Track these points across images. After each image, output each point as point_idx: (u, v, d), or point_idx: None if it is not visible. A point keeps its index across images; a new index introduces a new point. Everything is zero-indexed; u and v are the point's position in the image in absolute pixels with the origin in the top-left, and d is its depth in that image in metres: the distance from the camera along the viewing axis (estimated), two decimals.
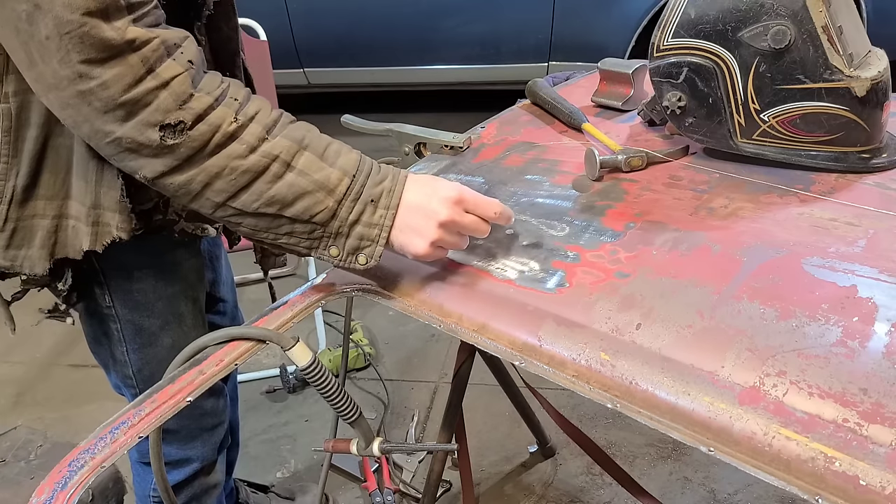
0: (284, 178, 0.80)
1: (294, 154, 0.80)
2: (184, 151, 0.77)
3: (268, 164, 0.79)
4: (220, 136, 0.77)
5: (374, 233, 0.83)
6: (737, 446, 0.65)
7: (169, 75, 0.75)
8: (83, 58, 0.71)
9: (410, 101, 4.35)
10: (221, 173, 0.78)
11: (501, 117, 1.34)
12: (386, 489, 1.83)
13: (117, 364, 1.13)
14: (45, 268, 0.95)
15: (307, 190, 0.80)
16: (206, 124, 0.77)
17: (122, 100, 0.74)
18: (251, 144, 0.78)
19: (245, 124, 0.79)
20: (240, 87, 0.82)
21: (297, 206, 0.81)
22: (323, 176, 0.81)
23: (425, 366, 2.32)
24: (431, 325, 0.87)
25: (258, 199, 0.80)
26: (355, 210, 0.82)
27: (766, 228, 0.88)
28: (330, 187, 0.81)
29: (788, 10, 0.92)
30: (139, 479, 1.31)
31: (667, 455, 1.92)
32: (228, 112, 0.78)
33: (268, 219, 0.82)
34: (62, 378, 2.38)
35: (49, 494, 0.67)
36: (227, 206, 0.81)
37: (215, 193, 0.80)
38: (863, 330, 0.69)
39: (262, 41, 2.43)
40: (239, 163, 0.78)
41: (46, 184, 0.92)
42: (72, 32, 0.70)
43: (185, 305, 1.13)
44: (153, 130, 0.75)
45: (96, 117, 0.75)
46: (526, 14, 3.54)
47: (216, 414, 1.27)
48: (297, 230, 0.83)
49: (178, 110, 0.75)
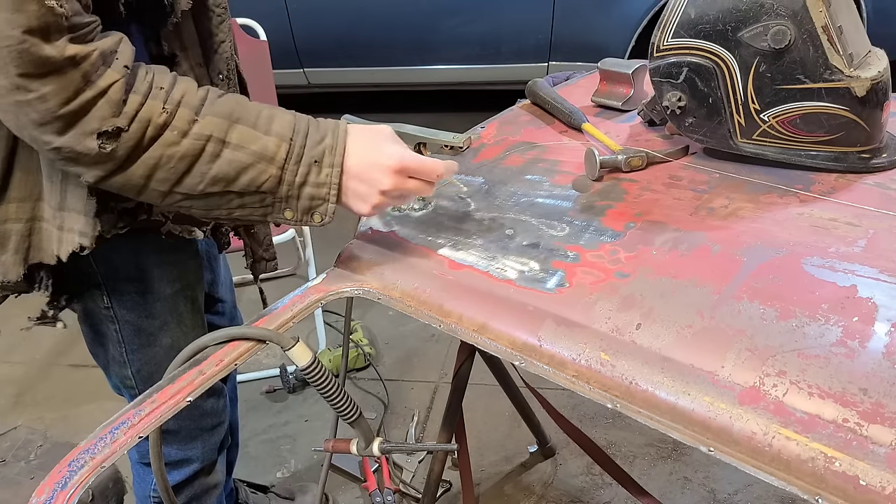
0: (222, 156, 0.80)
1: (226, 130, 0.80)
2: (122, 153, 0.77)
3: (202, 145, 0.79)
4: (153, 129, 0.78)
5: (324, 192, 0.84)
6: (737, 446, 0.65)
7: (105, 84, 0.75)
8: (21, 71, 0.71)
9: (410, 101, 4.35)
10: (159, 163, 0.79)
11: (501, 117, 1.34)
12: (386, 489, 1.83)
13: (116, 365, 1.13)
14: (19, 273, 0.94)
15: (247, 163, 0.81)
16: (138, 122, 0.77)
17: (61, 112, 0.74)
18: (182, 129, 0.79)
19: (173, 111, 0.79)
20: (164, 72, 0.81)
21: (242, 181, 0.81)
22: (260, 146, 0.81)
23: (425, 366, 2.32)
24: (431, 325, 0.87)
25: (201, 180, 0.80)
26: (300, 172, 0.83)
27: (766, 228, 0.88)
28: (269, 156, 0.81)
29: (788, 10, 0.92)
30: (139, 479, 1.31)
31: (667, 455, 1.92)
32: (156, 104, 0.78)
33: (216, 197, 0.82)
34: (62, 378, 2.38)
35: (49, 494, 0.67)
36: (173, 194, 0.81)
37: (158, 183, 0.80)
38: (863, 330, 0.69)
39: (262, 41, 2.43)
40: (174, 150, 0.79)
41: (18, 185, 0.91)
42: (10, 47, 0.70)
43: (184, 306, 1.13)
44: (91, 139, 0.75)
45: (34, 128, 0.75)
46: (526, 14, 3.54)
47: (216, 414, 1.27)
48: (248, 202, 0.84)
49: (113, 118, 0.76)
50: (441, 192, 1.07)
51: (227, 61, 1.03)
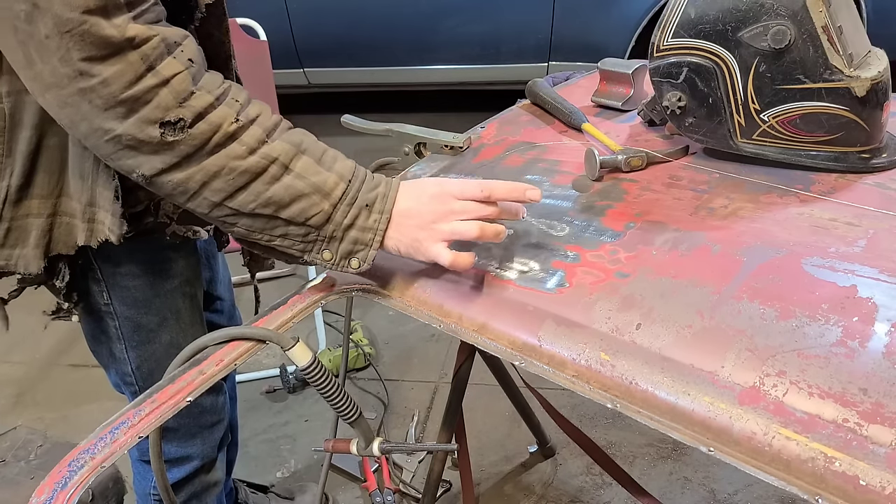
0: (282, 180, 0.80)
1: (292, 157, 0.81)
2: (184, 149, 0.77)
3: (266, 165, 0.79)
4: (221, 135, 0.78)
5: (369, 237, 0.84)
6: (737, 446, 0.65)
7: (169, 73, 0.75)
8: (83, 55, 0.71)
9: (410, 101, 4.35)
10: (220, 172, 0.79)
11: (501, 117, 1.34)
12: (386, 489, 1.83)
13: (116, 362, 1.13)
14: (40, 266, 0.95)
15: (304, 192, 0.81)
16: (207, 123, 0.77)
17: (123, 97, 0.74)
18: (251, 146, 0.79)
19: (245, 126, 0.79)
20: (241, 90, 0.82)
21: (294, 208, 0.81)
22: (320, 179, 0.81)
23: (425, 366, 2.32)
24: (431, 325, 0.87)
25: (255, 199, 0.80)
26: (350, 214, 0.83)
27: (766, 228, 0.88)
28: (326, 191, 0.81)
29: (788, 10, 0.92)
30: (139, 477, 1.31)
31: (667, 455, 1.92)
32: (230, 112, 0.78)
33: (263, 220, 0.82)
34: (62, 378, 2.38)
35: (49, 494, 0.67)
36: (223, 206, 0.81)
37: (213, 193, 0.80)
38: (863, 330, 0.69)
39: (262, 41, 2.43)
40: (238, 163, 0.78)
41: (41, 183, 0.92)
42: (72, 31, 0.70)
43: (183, 302, 1.14)
44: (153, 127, 0.75)
45: (96, 115, 0.75)
46: (526, 14, 3.54)
47: (216, 411, 1.27)
48: (292, 232, 0.83)
49: (178, 108, 0.75)
50: None
51: (226, 62, 1.03)
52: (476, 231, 0.84)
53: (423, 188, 0.86)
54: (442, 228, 0.84)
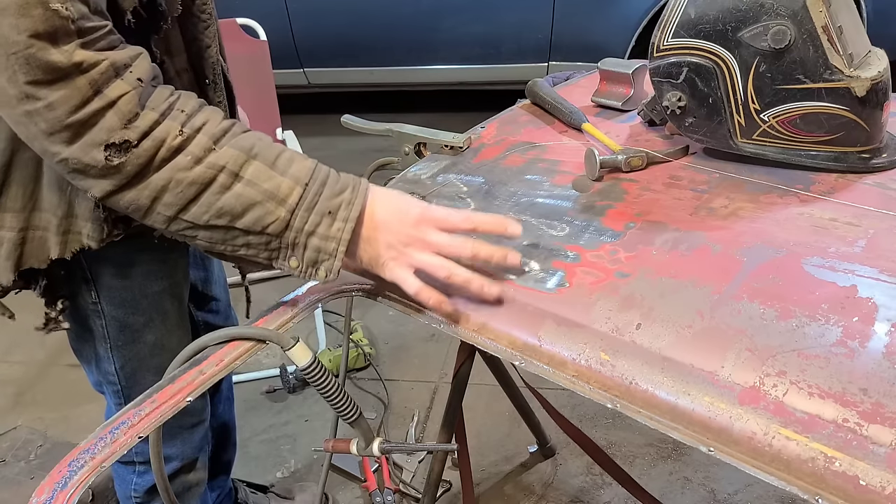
0: (232, 189, 0.78)
1: (242, 164, 0.78)
2: (130, 169, 0.76)
3: (214, 175, 0.77)
4: (165, 150, 0.76)
5: (332, 246, 0.81)
6: (737, 446, 0.65)
7: (115, 94, 0.74)
8: (29, 79, 0.71)
9: (410, 101, 4.35)
10: (167, 186, 0.77)
11: (501, 117, 1.34)
12: (386, 489, 1.83)
13: (100, 361, 1.13)
14: (10, 279, 0.94)
15: (256, 200, 0.78)
16: (151, 140, 0.75)
17: (69, 121, 0.73)
18: (196, 156, 0.77)
19: (191, 136, 0.77)
20: (190, 98, 0.80)
21: (248, 218, 0.79)
22: (272, 185, 0.79)
23: (425, 366, 2.32)
24: (431, 325, 0.87)
25: (207, 210, 0.78)
26: (311, 221, 0.80)
27: (766, 228, 0.88)
28: (280, 197, 0.79)
29: (788, 10, 0.92)
30: (120, 479, 1.30)
31: (667, 455, 1.92)
32: (174, 125, 0.77)
33: (221, 231, 0.80)
34: (62, 378, 2.38)
35: (49, 494, 0.67)
36: (178, 220, 0.79)
37: (165, 207, 0.78)
38: (863, 330, 0.69)
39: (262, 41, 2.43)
40: (184, 175, 0.77)
41: (14, 196, 0.92)
42: (18, 53, 0.69)
43: (171, 303, 1.13)
44: (98, 150, 0.74)
45: (43, 138, 0.74)
46: (526, 14, 3.54)
47: (197, 413, 1.26)
48: (253, 242, 0.81)
49: (122, 129, 0.74)
50: (441, 192, 1.07)
51: (214, 66, 1.02)
52: (445, 272, 0.81)
53: (406, 207, 0.83)
54: (412, 255, 0.82)
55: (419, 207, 0.83)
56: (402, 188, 1.08)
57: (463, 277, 0.82)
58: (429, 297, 0.82)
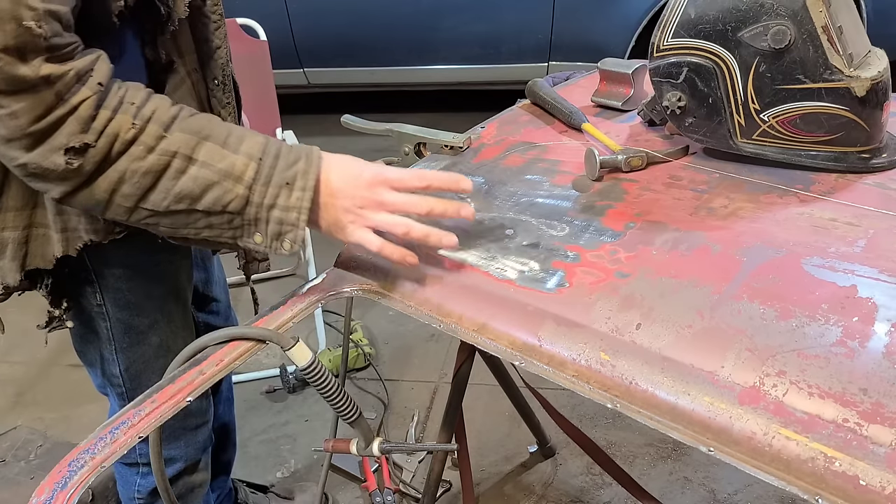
0: (188, 173, 0.79)
1: (194, 146, 0.79)
2: (88, 168, 0.77)
3: (168, 161, 0.78)
4: (120, 143, 0.77)
5: (293, 216, 0.82)
6: (737, 446, 0.65)
7: (77, 101, 0.75)
8: None
9: (410, 101, 4.35)
10: (124, 177, 0.78)
11: (501, 117, 1.34)
12: (386, 489, 1.83)
13: (104, 363, 1.13)
14: (17, 279, 0.95)
15: (213, 181, 0.79)
16: (106, 137, 0.76)
17: (31, 130, 0.73)
18: (149, 145, 0.78)
19: (143, 127, 0.78)
20: (138, 89, 0.81)
21: (207, 199, 0.80)
22: (227, 164, 0.80)
23: (425, 366, 2.32)
24: (431, 325, 0.87)
25: (166, 196, 0.79)
26: (269, 194, 0.81)
27: (766, 228, 0.88)
28: (236, 174, 0.80)
29: (788, 10, 0.92)
30: (122, 480, 1.30)
31: (667, 455, 1.92)
32: (126, 119, 0.77)
33: (182, 215, 0.81)
34: (62, 378, 2.38)
35: (49, 494, 0.67)
36: (139, 210, 0.80)
37: (123, 199, 0.79)
38: (863, 330, 0.69)
39: (262, 41, 2.43)
40: (139, 164, 0.78)
41: (14, 195, 0.92)
42: None
43: (175, 305, 1.14)
44: (58, 155, 0.75)
45: (2, 143, 0.75)
46: (526, 14, 3.54)
47: (200, 414, 1.26)
48: (215, 222, 0.82)
49: (81, 133, 0.75)
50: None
51: (223, 67, 1.03)
52: (403, 228, 0.83)
53: (358, 170, 0.84)
54: (369, 216, 0.83)
55: (371, 170, 0.84)
56: None
57: (421, 232, 0.84)
58: (392, 251, 0.85)
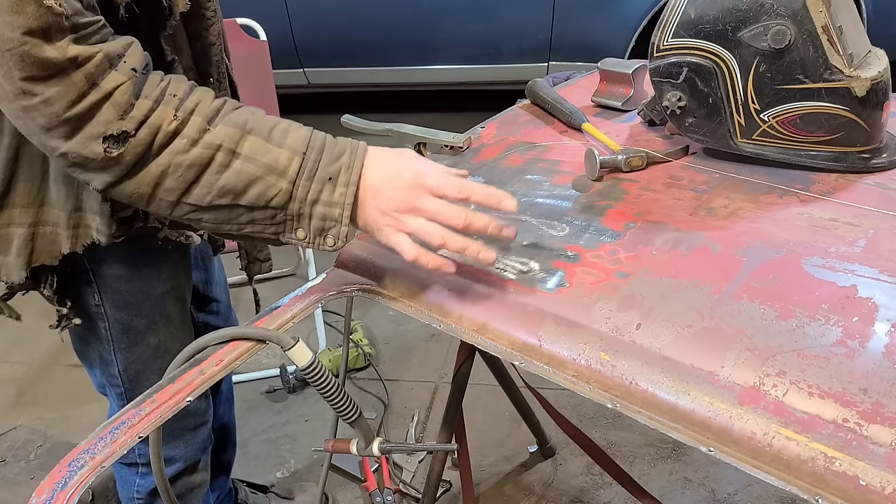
0: (232, 167, 0.78)
1: (238, 140, 0.78)
2: (129, 159, 0.76)
3: (212, 154, 0.78)
4: (162, 136, 0.76)
5: (336, 212, 0.80)
6: (737, 446, 0.65)
7: (111, 86, 0.74)
8: (24, 75, 0.71)
9: (410, 101, 4.35)
10: (167, 171, 0.77)
11: (501, 117, 1.34)
12: (386, 489, 1.83)
13: (103, 363, 1.13)
14: (22, 276, 0.95)
15: (257, 175, 0.78)
16: (147, 127, 0.76)
17: (66, 116, 0.73)
18: (192, 138, 0.77)
19: (186, 119, 0.77)
20: (181, 81, 0.80)
21: (251, 194, 0.79)
22: (271, 158, 0.79)
23: (425, 366, 2.32)
24: (431, 325, 0.87)
25: (209, 191, 0.78)
26: (313, 189, 0.80)
27: (766, 228, 0.88)
28: (280, 169, 0.79)
29: (788, 10, 0.92)
30: (122, 480, 1.30)
31: (667, 455, 1.92)
32: (168, 110, 0.77)
33: (225, 210, 0.80)
34: (62, 378, 2.38)
35: (49, 494, 0.67)
36: (182, 204, 0.80)
37: (167, 192, 0.79)
38: (863, 330, 0.69)
39: (262, 41, 2.43)
40: (182, 158, 0.77)
41: (21, 192, 0.92)
42: (12, 50, 0.69)
43: (173, 306, 1.14)
44: (97, 143, 0.74)
45: (41, 133, 0.74)
46: (526, 14, 3.54)
47: (200, 414, 1.26)
48: (258, 217, 0.81)
49: (119, 121, 0.74)
50: None
51: (218, 65, 1.02)
52: (439, 240, 0.81)
53: (398, 169, 0.82)
54: (406, 221, 0.81)
55: (411, 171, 0.82)
56: None
57: (458, 244, 0.81)
58: (428, 261, 0.82)
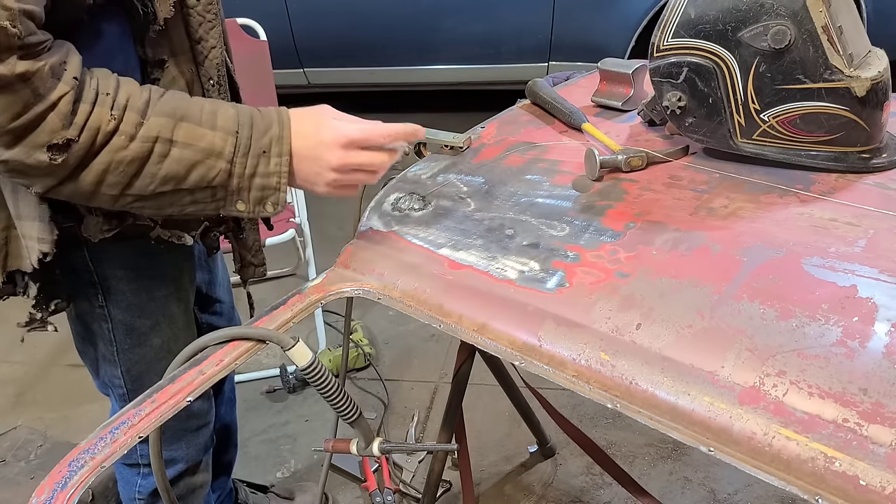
0: (171, 155, 0.81)
1: (172, 129, 0.81)
2: (72, 162, 0.77)
3: (150, 147, 0.80)
4: (102, 136, 0.78)
5: (273, 181, 0.86)
6: (737, 446, 0.65)
7: (56, 97, 0.75)
8: None
9: (410, 101, 4.35)
10: (108, 169, 0.79)
11: (501, 117, 1.34)
12: (386, 489, 1.83)
13: (106, 364, 1.13)
14: None
15: (196, 160, 0.82)
16: (88, 131, 0.77)
17: (10, 127, 0.73)
18: (129, 133, 0.79)
19: (121, 116, 0.79)
20: (107, 76, 0.81)
21: (192, 178, 0.82)
22: (207, 143, 0.82)
23: (425, 366, 2.32)
24: (431, 325, 0.87)
25: (152, 181, 0.81)
26: (249, 164, 0.85)
27: (766, 228, 0.88)
28: (217, 151, 0.83)
29: (788, 10, 0.92)
30: (123, 481, 1.30)
31: (667, 455, 1.92)
32: (104, 111, 0.78)
33: (168, 196, 0.83)
34: (62, 378, 2.38)
35: (49, 494, 0.67)
36: (124, 196, 0.82)
37: (109, 188, 0.81)
38: (863, 330, 0.69)
39: (262, 41, 2.43)
40: (123, 154, 0.79)
41: None
42: None
43: (177, 307, 1.14)
44: (41, 152, 0.75)
45: None
46: (526, 14, 3.54)
47: (202, 416, 1.26)
48: (199, 198, 0.85)
49: (63, 130, 0.75)
50: (441, 192, 1.07)
51: (219, 67, 1.02)
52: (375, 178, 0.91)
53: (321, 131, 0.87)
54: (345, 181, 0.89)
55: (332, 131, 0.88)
56: (402, 188, 1.08)
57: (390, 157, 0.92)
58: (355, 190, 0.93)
